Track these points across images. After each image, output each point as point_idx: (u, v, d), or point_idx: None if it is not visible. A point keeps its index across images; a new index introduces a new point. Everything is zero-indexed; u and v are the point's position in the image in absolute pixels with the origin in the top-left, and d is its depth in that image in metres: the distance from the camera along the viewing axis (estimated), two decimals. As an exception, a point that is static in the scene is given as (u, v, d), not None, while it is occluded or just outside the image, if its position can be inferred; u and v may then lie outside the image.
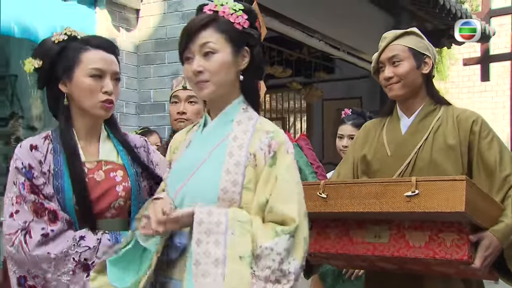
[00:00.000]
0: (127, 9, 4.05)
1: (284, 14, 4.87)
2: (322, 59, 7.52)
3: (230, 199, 1.37)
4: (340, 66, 7.72)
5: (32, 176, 1.52)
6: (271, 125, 1.47)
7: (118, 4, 3.95)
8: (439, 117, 1.86)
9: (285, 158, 1.41)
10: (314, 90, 7.88)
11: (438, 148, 1.81)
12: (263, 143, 1.41)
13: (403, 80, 1.86)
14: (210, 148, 1.45)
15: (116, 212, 1.59)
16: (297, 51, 7.10)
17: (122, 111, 3.96)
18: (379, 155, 1.91)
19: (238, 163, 1.39)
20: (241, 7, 1.45)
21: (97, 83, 1.56)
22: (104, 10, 3.85)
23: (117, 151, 1.65)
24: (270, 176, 1.38)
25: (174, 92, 2.33)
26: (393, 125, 1.94)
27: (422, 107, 1.89)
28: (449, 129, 1.83)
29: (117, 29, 3.97)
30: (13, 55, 4.00)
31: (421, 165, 1.81)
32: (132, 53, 4.10)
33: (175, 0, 4.00)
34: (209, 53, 1.41)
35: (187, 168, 1.46)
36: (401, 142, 1.87)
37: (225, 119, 1.47)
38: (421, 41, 1.91)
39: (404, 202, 1.58)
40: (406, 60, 1.86)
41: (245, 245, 1.31)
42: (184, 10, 3.97)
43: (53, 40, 1.59)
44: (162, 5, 4.05)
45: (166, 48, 4.03)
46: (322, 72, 7.82)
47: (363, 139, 2.01)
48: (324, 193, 1.73)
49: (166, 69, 4.04)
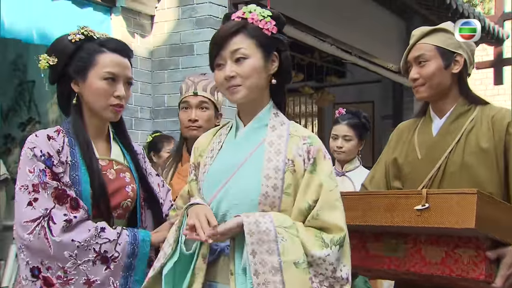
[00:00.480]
0: (141, 15, 4.11)
1: (296, 19, 4.89)
2: (333, 64, 7.52)
3: (270, 203, 1.41)
4: (352, 71, 7.72)
5: (52, 164, 1.51)
6: (305, 130, 1.53)
7: (133, 10, 4.00)
8: (473, 118, 1.74)
9: (325, 164, 1.45)
10: (326, 95, 7.88)
11: (470, 151, 1.69)
12: (301, 149, 1.45)
13: (429, 82, 1.76)
14: (246, 153, 1.47)
15: (122, 212, 1.61)
16: (308, 55, 7.12)
17: (137, 116, 4.01)
18: (410, 158, 1.81)
19: (277, 169, 1.42)
20: (269, 13, 1.48)
21: (110, 87, 1.56)
22: (120, 17, 3.91)
23: (124, 154, 1.68)
24: (311, 182, 1.42)
25: (184, 97, 2.27)
26: (425, 127, 1.83)
27: (454, 107, 1.77)
28: (483, 131, 1.70)
29: (132, 35, 4.03)
30: (30, 61, 4.07)
31: (452, 170, 1.70)
32: (147, 59, 4.15)
33: (189, 6, 4.05)
34: (240, 58, 1.45)
35: (223, 172, 1.48)
36: (432, 145, 1.77)
37: (258, 124, 1.51)
38: (452, 37, 1.76)
39: (415, 216, 1.51)
40: (433, 60, 1.75)
41: (297, 251, 1.35)
42: (198, 16, 4.01)
43: (69, 38, 1.59)
44: (176, 11, 4.10)
45: (180, 53, 4.08)
46: (333, 77, 7.82)
47: (395, 141, 1.91)
48: None
49: (180, 74, 4.08)
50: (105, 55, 1.57)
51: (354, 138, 2.83)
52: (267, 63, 1.48)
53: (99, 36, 1.62)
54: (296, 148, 1.45)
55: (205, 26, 3.93)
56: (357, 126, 2.84)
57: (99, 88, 1.56)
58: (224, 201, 1.44)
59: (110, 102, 1.57)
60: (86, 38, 1.59)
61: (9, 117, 4.19)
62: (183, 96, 2.27)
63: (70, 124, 1.60)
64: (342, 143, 2.81)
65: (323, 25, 5.39)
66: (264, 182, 1.41)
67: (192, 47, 4.02)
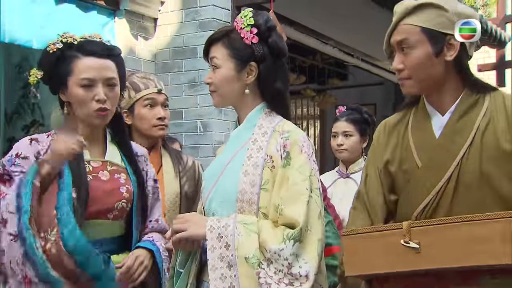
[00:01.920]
0: (145, 18, 4.12)
1: (298, 21, 4.91)
2: (335, 66, 7.53)
3: (248, 199, 1.41)
4: (354, 73, 7.73)
5: (12, 163, 1.51)
6: (289, 125, 1.49)
7: (137, 13, 4.02)
8: (485, 111, 1.37)
9: (298, 158, 1.41)
10: (328, 97, 7.88)
11: (489, 155, 1.33)
12: (278, 144, 1.45)
13: (415, 74, 1.40)
14: (233, 151, 1.50)
15: (118, 213, 1.61)
16: (310, 58, 7.12)
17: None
18: (406, 166, 1.42)
19: (256, 165, 1.43)
20: (251, 22, 1.47)
21: (89, 93, 1.55)
22: (123, 20, 3.93)
23: (121, 156, 1.67)
24: (283, 177, 1.41)
25: (148, 94, 2.11)
26: (421, 124, 1.44)
27: (460, 100, 1.40)
28: (502, 127, 1.34)
29: (135, 38, 4.05)
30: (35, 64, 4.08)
31: (468, 180, 1.33)
32: (150, 61, 4.17)
33: (193, 9, 4.06)
34: (214, 67, 1.51)
35: (214, 172, 1.52)
36: (435, 149, 1.39)
37: (248, 124, 1.52)
38: (443, 14, 1.36)
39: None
40: (419, 46, 1.37)
41: (249, 246, 1.35)
42: (201, 19, 4.03)
43: (48, 50, 1.58)
44: (180, 14, 4.12)
45: (184, 56, 4.09)
46: (335, 79, 7.82)
47: (384, 141, 1.50)
48: (415, 240, 1.27)
49: (183, 77, 4.09)
50: (79, 61, 1.56)
51: (355, 134, 2.61)
52: (240, 74, 1.49)
53: (80, 40, 1.59)
54: (275, 144, 1.45)
55: (208, 29, 3.94)
56: (358, 121, 2.63)
57: (78, 95, 1.55)
58: (214, 200, 1.48)
59: (92, 107, 1.55)
60: (65, 46, 1.57)
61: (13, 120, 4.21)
62: (145, 93, 2.11)
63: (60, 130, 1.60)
64: (342, 140, 2.60)
65: (325, 27, 5.41)
66: (242, 178, 1.42)
67: (195, 49, 4.03)
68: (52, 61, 1.57)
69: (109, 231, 1.61)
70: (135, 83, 2.14)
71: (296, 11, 4.85)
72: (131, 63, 3.96)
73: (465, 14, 1.38)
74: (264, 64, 1.49)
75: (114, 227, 1.62)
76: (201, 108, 3.97)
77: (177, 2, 4.13)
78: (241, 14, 1.51)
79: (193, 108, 4.04)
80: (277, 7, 4.02)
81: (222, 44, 1.49)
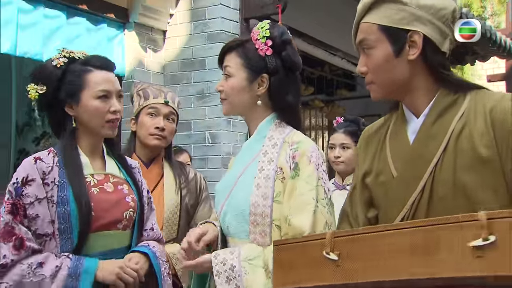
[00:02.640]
0: (154, 31, 4.16)
1: (307, 32, 4.93)
2: (343, 77, 7.55)
3: (261, 212, 1.40)
4: (362, 84, 7.70)
5: (21, 193, 1.49)
6: (299, 136, 1.48)
7: (146, 26, 4.06)
8: (462, 113, 1.19)
9: (306, 169, 1.40)
10: (336, 108, 7.89)
11: (463, 162, 1.16)
12: (288, 156, 1.44)
13: (377, 78, 1.25)
14: (245, 164, 1.50)
15: (127, 223, 1.61)
16: (318, 69, 7.14)
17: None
18: (382, 177, 1.27)
19: (267, 177, 1.42)
20: (267, 34, 1.48)
21: (105, 104, 1.58)
22: (133, 32, 3.97)
23: (119, 167, 1.69)
24: (292, 188, 1.40)
25: (153, 103, 2.13)
26: (398, 130, 1.29)
27: (435, 100, 1.23)
28: (479, 130, 1.16)
29: (145, 50, 4.08)
30: (45, 76, 4.13)
31: (442, 192, 1.17)
32: (159, 73, 4.20)
33: (201, 22, 4.10)
34: (227, 75, 1.52)
35: (227, 185, 1.51)
36: (409, 156, 1.23)
37: (258, 136, 1.52)
38: (402, 9, 1.20)
39: (472, 259, 0.91)
40: (378, 47, 1.23)
41: (258, 283, 1.34)
42: (209, 31, 4.06)
43: (54, 64, 1.58)
44: (189, 26, 4.15)
45: (192, 68, 4.12)
46: (343, 90, 7.84)
47: (363, 151, 1.37)
48: (335, 252, 1.09)
49: (192, 89, 4.12)
50: (93, 74, 1.58)
51: (352, 146, 2.57)
52: (251, 84, 1.50)
53: (80, 56, 1.62)
54: (284, 155, 1.45)
55: (217, 41, 3.97)
56: (355, 134, 2.57)
57: (95, 107, 1.57)
58: (228, 213, 1.47)
59: (107, 118, 1.58)
60: (69, 61, 1.59)
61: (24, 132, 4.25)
62: (151, 102, 2.14)
63: (61, 147, 1.59)
64: (340, 152, 2.58)
65: (333, 38, 5.43)
66: (254, 191, 1.42)
67: (204, 61, 4.06)
68: (58, 74, 1.57)
69: (119, 242, 1.61)
70: (146, 92, 2.18)
71: (305, 22, 4.87)
72: (140, 75, 4.00)
73: (433, 5, 1.21)
74: (276, 77, 1.49)
75: (123, 237, 1.62)
76: (210, 119, 3.99)
77: (186, 15, 4.17)
78: (258, 25, 1.51)
79: (201, 120, 4.06)
80: (286, 19, 4.04)
81: (236, 53, 1.50)
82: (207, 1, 4.08)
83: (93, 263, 1.50)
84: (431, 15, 1.21)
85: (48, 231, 1.50)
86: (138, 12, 3.92)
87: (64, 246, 1.51)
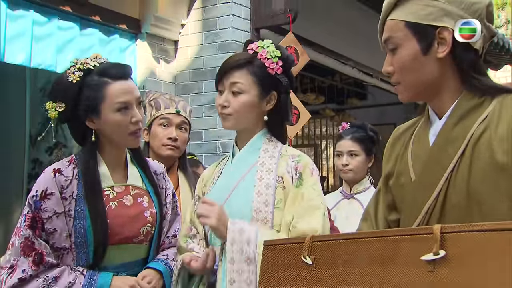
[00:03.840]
0: (166, 41, 4.20)
1: (317, 42, 4.94)
2: (354, 86, 7.54)
3: (263, 218, 1.46)
4: (373, 93, 7.71)
5: (39, 207, 1.48)
6: (295, 150, 1.60)
7: (158, 36, 4.10)
8: (485, 117, 1.12)
9: (310, 178, 1.51)
10: (347, 117, 7.87)
11: (480, 170, 1.09)
12: (289, 166, 1.52)
13: (403, 78, 1.19)
14: (241, 174, 1.54)
15: (143, 238, 1.60)
16: (329, 78, 7.15)
17: (161, 139, 4.06)
18: (402, 180, 1.23)
19: (268, 185, 1.49)
20: (278, 54, 1.55)
21: (125, 116, 1.54)
22: (144, 43, 4.01)
23: (141, 177, 1.67)
24: (296, 195, 1.48)
25: (165, 114, 2.14)
26: (422, 132, 1.25)
27: (457, 102, 1.16)
28: (500, 136, 1.08)
29: (157, 61, 4.12)
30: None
31: (455, 200, 1.11)
32: (171, 83, 4.23)
33: (212, 32, 4.13)
34: (236, 92, 1.54)
35: (220, 194, 1.54)
36: (428, 160, 1.18)
37: (251, 148, 1.58)
38: (430, 3, 1.14)
39: (425, 273, 0.89)
40: (405, 45, 1.17)
41: None
42: (221, 41, 4.09)
43: (69, 80, 1.53)
44: (200, 37, 4.18)
45: (203, 77, 4.15)
46: (354, 99, 7.83)
47: (389, 151, 1.33)
48: (311, 257, 1.07)
49: (203, 98, 4.14)
50: (111, 86, 1.53)
51: (360, 154, 2.49)
52: (261, 101, 1.56)
53: (95, 64, 1.56)
54: (285, 166, 1.53)
55: (228, 51, 4.00)
56: (363, 140, 2.50)
57: (116, 120, 1.54)
58: None
59: (129, 130, 1.56)
60: (84, 73, 1.54)
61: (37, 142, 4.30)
62: (163, 112, 2.15)
63: (81, 159, 1.57)
64: (348, 159, 2.48)
65: (344, 47, 5.43)
66: (255, 198, 1.48)
67: (215, 71, 4.03)
68: (75, 90, 1.53)
69: (135, 255, 1.61)
70: (158, 102, 2.19)
71: (315, 32, 4.88)
72: (152, 85, 4.03)
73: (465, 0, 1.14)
74: (283, 94, 1.58)
75: (139, 250, 1.62)
76: (221, 129, 4.00)
77: (197, 25, 4.21)
78: (261, 44, 1.57)
79: (212, 129, 4.08)
80: (296, 29, 4.06)
81: (247, 71, 1.54)
82: (218, 12, 4.11)
83: (106, 280, 1.50)
84: (463, 10, 1.14)
85: (65, 245, 1.51)
86: (150, 23, 3.96)
87: (81, 259, 1.52)
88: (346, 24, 5.43)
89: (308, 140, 8.89)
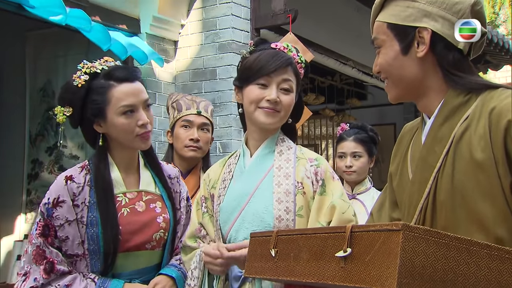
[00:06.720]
0: (165, 41, 4.20)
1: (317, 42, 4.94)
2: (354, 86, 7.54)
3: (284, 227, 1.43)
4: (373, 93, 7.71)
5: (51, 215, 1.48)
6: (311, 152, 1.56)
7: (158, 36, 4.10)
8: (468, 115, 1.13)
9: (334, 185, 1.49)
10: (347, 117, 7.86)
11: (461, 168, 1.10)
12: (308, 171, 1.49)
13: (388, 76, 1.23)
14: (257, 180, 1.51)
15: (156, 244, 1.58)
16: (329, 78, 7.14)
17: (161, 139, 4.06)
18: (402, 179, 1.27)
19: (288, 192, 1.46)
20: (303, 60, 1.58)
21: (132, 119, 1.53)
22: (144, 43, 4.00)
23: (155, 182, 1.65)
24: (322, 203, 1.45)
25: (186, 115, 2.17)
26: (418, 131, 1.27)
27: (443, 102, 1.17)
28: (479, 133, 1.09)
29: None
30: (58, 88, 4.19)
31: (442, 198, 1.13)
32: (170, 83, 4.23)
33: (212, 32, 4.13)
34: (287, 89, 1.52)
35: (237, 201, 1.51)
36: (420, 159, 1.20)
37: (266, 150, 1.55)
38: (411, 5, 1.18)
39: (339, 268, 0.98)
40: (387, 45, 1.21)
41: None
42: (220, 41, 4.08)
43: (75, 84, 1.53)
44: (200, 37, 4.18)
45: (203, 77, 4.14)
46: (354, 99, 7.82)
47: (396, 148, 1.36)
48: (275, 249, 1.15)
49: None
50: (115, 89, 1.52)
51: (364, 155, 2.49)
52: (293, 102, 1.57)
53: (102, 67, 1.55)
54: (303, 170, 1.49)
55: (228, 51, 4.00)
56: (366, 141, 2.51)
57: (121, 124, 1.52)
58: (242, 229, 1.47)
59: (136, 132, 1.54)
60: (91, 77, 1.53)
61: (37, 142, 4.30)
62: (184, 113, 2.17)
63: (93, 165, 1.57)
64: (352, 161, 2.46)
65: (344, 48, 5.43)
66: (276, 206, 1.44)
67: (215, 71, 4.09)
68: (82, 94, 1.52)
69: (148, 261, 1.59)
70: (179, 104, 2.21)
71: (315, 32, 4.88)
72: (151, 85, 4.03)
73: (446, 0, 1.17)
74: (299, 96, 1.61)
75: (152, 256, 1.60)
76: (221, 129, 4.00)
77: (197, 25, 4.21)
78: (287, 46, 1.57)
79: (212, 129, 4.08)
80: (296, 29, 4.06)
81: (293, 71, 1.55)
82: (218, 12, 4.11)
83: (118, 286, 1.50)
84: (444, 10, 1.17)
85: (78, 252, 1.51)
86: (150, 23, 3.96)
87: (94, 266, 1.52)
88: (346, 24, 5.43)
89: (308, 140, 8.89)
